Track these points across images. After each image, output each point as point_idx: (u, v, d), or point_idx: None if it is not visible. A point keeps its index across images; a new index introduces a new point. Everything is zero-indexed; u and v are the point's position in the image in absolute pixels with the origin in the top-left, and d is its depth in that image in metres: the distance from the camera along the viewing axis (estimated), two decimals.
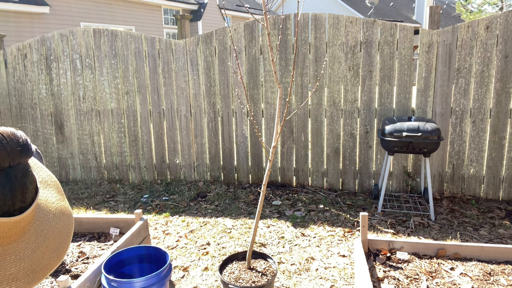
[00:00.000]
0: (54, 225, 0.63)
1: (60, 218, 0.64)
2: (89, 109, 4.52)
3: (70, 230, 0.66)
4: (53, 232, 0.62)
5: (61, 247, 0.63)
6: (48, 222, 0.62)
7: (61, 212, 0.65)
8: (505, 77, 3.55)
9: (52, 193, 0.66)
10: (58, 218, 0.64)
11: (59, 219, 0.64)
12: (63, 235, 0.64)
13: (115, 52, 4.34)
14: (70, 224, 0.66)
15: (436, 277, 2.16)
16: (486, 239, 3.06)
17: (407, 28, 3.69)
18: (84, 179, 4.71)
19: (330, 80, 3.93)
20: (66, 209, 0.67)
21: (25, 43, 4.53)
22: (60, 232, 0.63)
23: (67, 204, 0.68)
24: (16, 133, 0.57)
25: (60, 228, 0.64)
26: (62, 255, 0.63)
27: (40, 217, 0.61)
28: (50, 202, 0.64)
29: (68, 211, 0.67)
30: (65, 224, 0.65)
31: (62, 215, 0.65)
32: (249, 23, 4.02)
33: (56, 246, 0.62)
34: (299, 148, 4.16)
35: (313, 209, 3.68)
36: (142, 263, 2.31)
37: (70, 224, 0.66)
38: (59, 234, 0.63)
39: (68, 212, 0.67)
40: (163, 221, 3.54)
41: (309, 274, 2.64)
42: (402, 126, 3.36)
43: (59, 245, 0.63)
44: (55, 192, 0.67)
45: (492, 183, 3.77)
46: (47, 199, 0.64)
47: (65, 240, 0.64)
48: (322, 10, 20.76)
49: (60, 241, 0.63)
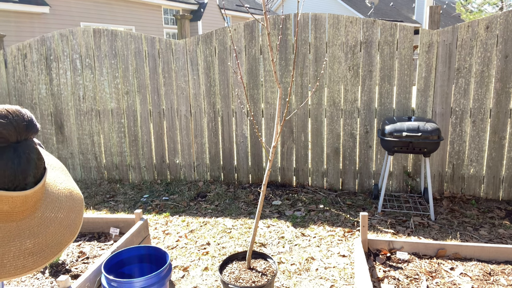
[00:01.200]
0: (65, 202, 0.65)
1: (69, 197, 0.66)
2: (89, 109, 4.52)
3: (81, 208, 0.68)
4: (64, 209, 0.64)
5: (74, 224, 0.65)
6: (58, 200, 0.64)
7: (70, 192, 0.67)
8: (505, 77, 3.55)
9: (59, 175, 0.69)
10: (67, 196, 0.66)
11: (68, 198, 0.66)
12: (75, 212, 0.66)
13: (115, 52, 4.34)
14: (81, 202, 0.68)
15: (436, 277, 2.16)
16: (486, 239, 3.06)
17: (407, 28, 3.69)
18: (84, 179, 4.71)
19: (330, 80, 3.93)
20: (75, 188, 0.69)
21: (25, 43, 4.53)
22: (71, 209, 0.65)
23: (75, 184, 0.71)
24: (21, 110, 0.59)
25: (71, 205, 0.66)
26: (75, 231, 0.65)
27: (50, 195, 0.63)
28: (59, 182, 0.67)
29: (76, 190, 0.69)
30: (75, 202, 0.67)
31: (71, 194, 0.67)
32: (249, 23, 4.02)
33: (68, 223, 0.64)
34: (299, 148, 4.16)
35: (313, 209, 3.68)
36: (142, 263, 2.31)
37: (81, 202, 0.69)
38: (70, 211, 0.65)
39: (76, 192, 0.69)
40: (163, 221, 3.54)
41: (309, 274, 2.64)
42: (402, 126, 3.36)
43: (72, 222, 0.65)
44: (62, 175, 0.70)
45: (492, 183, 3.77)
46: (55, 179, 0.66)
47: (77, 217, 0.66)
48: (322, 10, 20.77)
49: (72, 218, 0.65)
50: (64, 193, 0.66)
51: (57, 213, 0.63)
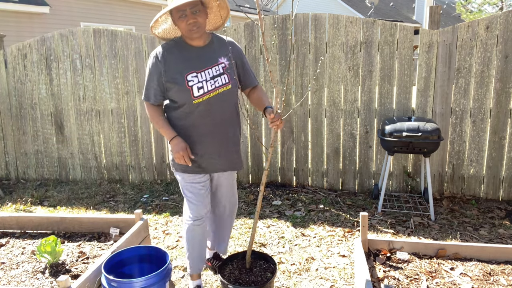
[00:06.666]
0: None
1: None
2: (89, 109, 4.52)
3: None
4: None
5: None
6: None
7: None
8: (505, 77, 3.55)
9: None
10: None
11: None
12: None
13: (115, 52, 4.34)
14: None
15: (436, 277, 2.16)
16: (486, 239, 3.06)
17: (407, 28, 3.69)
18: (84, 179, 4.71)
19: (330, 80, 3.93)
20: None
21: (25, 43, 4.53)
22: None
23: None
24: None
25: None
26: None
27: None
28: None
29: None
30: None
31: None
32: (249, 23, 4.02)
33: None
34: (299, 148, 4.16)
35: (313, 209, 3.68)
36: (142, 263, 2.31)
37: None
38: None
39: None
40: (163, 221, 3.54)
41: (309, 274, 2.64)
42: (402, 126, 3.36)
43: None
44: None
45: (492, 183, 3.77)
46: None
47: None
48: (322, 10, 20.77)
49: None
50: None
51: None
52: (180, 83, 2.09)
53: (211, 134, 2.20)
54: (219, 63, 2.16)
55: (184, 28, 2.04)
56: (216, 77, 2.14)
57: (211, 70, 2.14)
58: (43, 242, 2.36)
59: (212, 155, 2.23)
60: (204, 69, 2.13)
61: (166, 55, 2.12)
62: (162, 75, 2.11)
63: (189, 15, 2.00)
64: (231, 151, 2.29)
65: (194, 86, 2.10)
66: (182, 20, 2.02)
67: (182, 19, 2.02)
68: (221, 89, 2.15)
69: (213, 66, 2.14)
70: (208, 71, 2.13)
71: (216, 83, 2.14)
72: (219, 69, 2.15)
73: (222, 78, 2.16)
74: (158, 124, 2.19)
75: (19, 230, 2.95)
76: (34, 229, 2.93)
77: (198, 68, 2.12)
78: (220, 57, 2.18)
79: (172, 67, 2.11)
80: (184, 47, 2.15)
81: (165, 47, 2.15)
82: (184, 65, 2.11)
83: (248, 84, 2.33)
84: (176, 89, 2.11)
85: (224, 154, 2.26)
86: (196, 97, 2.11)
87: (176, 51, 2.14)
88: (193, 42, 2.14)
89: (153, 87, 2.16)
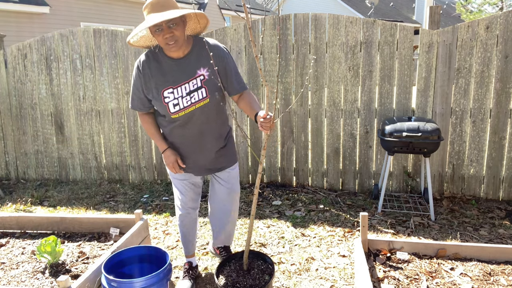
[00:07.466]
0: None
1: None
2: (89, 109, 4.52)
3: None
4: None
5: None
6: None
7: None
8: (505, 77, 3.55)
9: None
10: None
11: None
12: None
13: (115, 52, 4.34)
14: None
15: (436, 277, 2.16)
16: (486, 239, 3.06)
17: (407, 28, 3.69)
18: (84, 179, 4.71)
19: (330, 80, 3.93)
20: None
21: (25, 43, 4.53)
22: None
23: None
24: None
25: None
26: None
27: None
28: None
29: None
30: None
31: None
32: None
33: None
34: (299, 148, 4.16)
35: (313, 209, 3.68)
36: (142, 263, 2.31)
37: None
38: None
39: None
40: (163, 221, 3.54)
41: (309, 274, 2.64)
42: (402, 126, 3.36)
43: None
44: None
45: (492, 183, 3.77)
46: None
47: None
48: (322, 10, 20.77)
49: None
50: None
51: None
52: (156, 99, 2.14)
53: (192, 144, 2.26)
54: (198, 76, 2.13)
55: (161, 41, 2.01)
56: (192, 92, 2.13)
57: (188, 85, 2.12)
58: (43, 242, 2.36)
59: (196, 160, 2.31)
60: (180, 84, 2.12)
61: (146, 67, 2.14)
62: (143, 87, 2.16)
63: (165, 29, 1.96)
64: (215, 156, 2.34)
65: (170, 103, 2.12)
66: (158, 34, 1.98)
67: (158, 33, 1.98)
68: (198, 105, 2.15)
69: (190, 80, 2.12)
70: (185, 86, 2.12)
71: (192, 99, 2.13)
72: (196, 83, 2.13)
73: (199, 93, 2.13)
74: (150, 134, 2.29)
75: (19, 230, 2.95)
76: (34, 229, 2.93)
77: (175, 83, 2.11)
78: (199, 68, 2.13)
79: (151, 80, 2.14)
80: (162, 59, 2.14)
81: (146, 58, 2.16)
82: (161, 79, 2.12)
83: (231, 92, 2.26)
84: (154, 102, 2.17)
85: (208, 159, 2.33)
86: (172, 112, 2.14)
87: (155, 64, 2.14)
88: (171, 54, 2.12)
89: (138, 97, 2.21)
